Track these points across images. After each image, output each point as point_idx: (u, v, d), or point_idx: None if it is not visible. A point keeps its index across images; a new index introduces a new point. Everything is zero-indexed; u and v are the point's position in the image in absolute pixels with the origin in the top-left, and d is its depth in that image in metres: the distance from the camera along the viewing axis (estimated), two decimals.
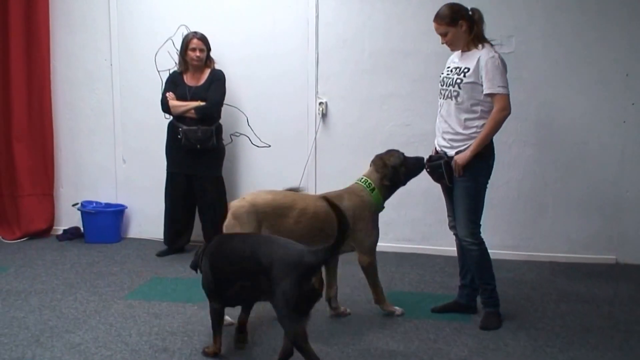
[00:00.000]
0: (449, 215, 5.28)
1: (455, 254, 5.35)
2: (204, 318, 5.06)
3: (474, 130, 4.85)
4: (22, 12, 7.41)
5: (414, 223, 6.96)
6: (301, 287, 3.85)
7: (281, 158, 7.15)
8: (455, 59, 5.05)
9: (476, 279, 5.14)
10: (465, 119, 4.87)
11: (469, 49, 4.92)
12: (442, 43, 4.99)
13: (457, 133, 4.91)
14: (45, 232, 7.74)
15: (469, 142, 4.85)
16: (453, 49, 5.04)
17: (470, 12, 4.91)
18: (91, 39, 7.50)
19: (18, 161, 7.59)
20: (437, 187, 6.57)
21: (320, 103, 7.04)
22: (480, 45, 4.87)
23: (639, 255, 6.69)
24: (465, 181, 4.91)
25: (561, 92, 6.57)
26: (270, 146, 7.22)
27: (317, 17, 6.97)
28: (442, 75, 5.08)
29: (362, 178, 5.23)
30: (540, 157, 6.65)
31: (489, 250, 5.05)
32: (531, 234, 6.76)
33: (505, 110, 4.79)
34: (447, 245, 6.71)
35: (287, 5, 7.05)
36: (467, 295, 5.32)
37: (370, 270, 5.17)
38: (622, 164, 6.63)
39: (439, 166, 4.99)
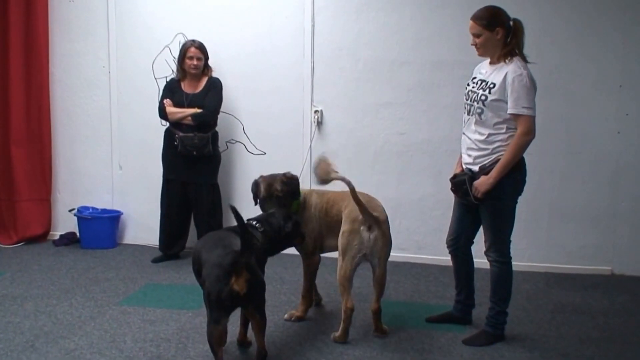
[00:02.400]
0: (450, 233, 5.14)
1: (450, 264, 5.33)
2: (199, 325, 5.08)
3: (497, 144, 4.61)
4: (21, 19, 7.43)
5: (409, 232, 6.96)
6: (218, 287, 4.00)
7: (276, 165, 7.08)
8: (482, 70, 4.80)
9: (490, 296, 4.92)
10: (489, 134, 4.63)
11: (498, 62, 4.65)
12: (472, 44, 4.72)
13: (481, 148, 4.68)
14: (41, 237, 7.74)
15: (493, 157, 4.63)
16: (481, 54, 4.75)
17: (510, 22, 4.64)
18: (89, 46, 7.52)
19: (16, 166, 7.58)
20: (431, 197, 6.65)
21: (316, 111, 7.05)
22: (508, 60, 4.59)
23: (634, 266, 6.69)
24: (489, 199, 4.66)
25: (555, 102, 6.57)
26: (265, 153, 7.23)
27: (313, 26, 6.98)
28: (468, 88, 4.81)
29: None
30: (535, 167, 6.61)
31: (482, 260, 5.01)
32: (526, 245, 6.76)
33: (529, 135, 4.52)
34: (441, 255, 6.72)
35: (284, 15, 7.07)
36: (461, 310, 5.27)
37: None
38: (616, 175, 6.64)
39: (463, 183, 4.75)
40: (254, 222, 4.73)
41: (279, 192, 5.13)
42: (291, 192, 5.20)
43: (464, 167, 4.84)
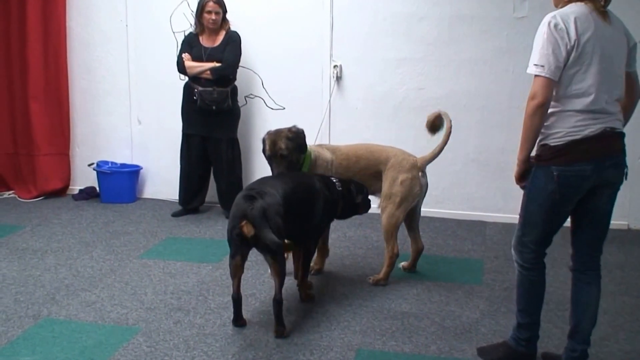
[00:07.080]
0: None
1: (468, 218, 5.29)
2: (219, 278, 5.13)
3: (548, 121, 3.57)
4: None
5: (427, 187, 6.96)
6: (232, 224, 4.22)
7: (295, 120, 7.03)
8: None
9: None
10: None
11: (556, 5, 3.76)
12: None
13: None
14: (61, 192, 7.79)
15: (541, 141, 3.61)
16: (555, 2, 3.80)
17: None
18: None
19: (34, 121, 7.60)
20: (450, 152, 6.60)
21: (335, 66, 7.01)
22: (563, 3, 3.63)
23: None
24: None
25: None
26: (284, 108, 7.21)
27: None
28: None
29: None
30: None
31: (499, 214, 4.93)
32: None
33: (535, 98, 3.44)
34: (459, 209, 6.77)
35: None
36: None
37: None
38: (635, 131, 6.55)
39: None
40: (335, 180, 4.89)
41: (283, 150, 4.94)
42: (297, 147, 5.03)
43: None
